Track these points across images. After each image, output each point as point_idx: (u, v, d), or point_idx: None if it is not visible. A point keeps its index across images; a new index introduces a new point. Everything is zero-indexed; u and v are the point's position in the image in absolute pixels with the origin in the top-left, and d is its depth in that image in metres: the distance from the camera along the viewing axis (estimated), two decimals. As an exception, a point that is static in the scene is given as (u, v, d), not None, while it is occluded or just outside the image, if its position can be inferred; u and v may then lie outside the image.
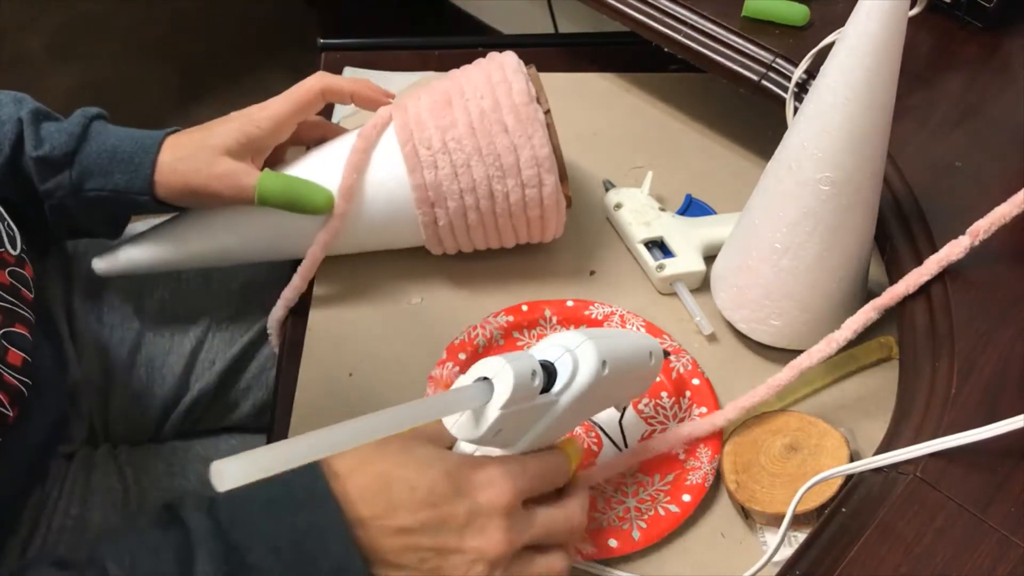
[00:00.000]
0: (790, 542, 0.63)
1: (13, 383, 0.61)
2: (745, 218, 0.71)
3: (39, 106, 0.71)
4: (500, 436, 0.52)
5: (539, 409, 0.54)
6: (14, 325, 0.63)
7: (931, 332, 0.62)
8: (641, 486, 0.67)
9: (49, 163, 0.69)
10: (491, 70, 0.72)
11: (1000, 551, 0.51)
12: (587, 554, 0.62)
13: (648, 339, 0.63)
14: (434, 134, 0.70)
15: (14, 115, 0.70)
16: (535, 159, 0.70)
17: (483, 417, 0.51)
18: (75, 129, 0.69)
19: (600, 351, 0.55)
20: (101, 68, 1.94)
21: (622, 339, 0.61)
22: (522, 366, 0.51)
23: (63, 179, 0.69)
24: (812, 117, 0.62)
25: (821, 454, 0.64)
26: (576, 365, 0.55)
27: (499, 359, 0.51)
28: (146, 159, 0.69)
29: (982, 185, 0.67)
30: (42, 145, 0.69)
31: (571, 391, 0.54)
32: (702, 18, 0.80)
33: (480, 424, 0.51)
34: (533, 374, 0.52)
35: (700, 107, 0.92)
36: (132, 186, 0.69)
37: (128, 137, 0.70)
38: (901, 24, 0.57)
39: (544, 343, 0.57)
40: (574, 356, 0.55)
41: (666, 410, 0.71)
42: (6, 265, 0.64)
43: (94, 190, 0.70)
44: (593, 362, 0.55)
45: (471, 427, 0.51)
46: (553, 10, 1.44)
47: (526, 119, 0.70)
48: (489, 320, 0.74)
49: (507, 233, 0.75)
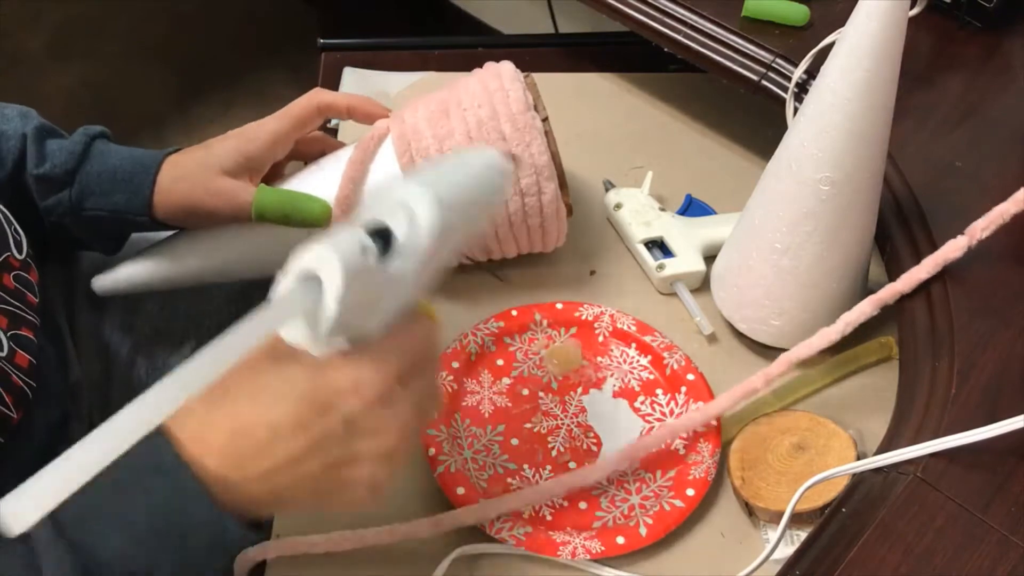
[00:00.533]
0: (792, 540, 0.63)
1: (19, 385, 0.62)
2: (745, 218, 0.71)
3: (44, 123, 0.72)
4: (348, 330, 0.45)
5: (382, 284, 0.46)
6: (20, 328, 0.64)
7: (931, 332, 0.62)
8: (644, 483, 0.67)
9: (50, 181, 0.69)
10: (488, 79, 0.72)
11: (1000, 551, 0.51)
12: (596, 553, 0.62)
13: (489, 156, 0.55)
14: (431, 144, 0.70)
15: (19, 130, 0.70)
16: (534, 167, 0.70)
17: (321, 318, 0.43)
18: (76, 148, 0.70)
19: (437, 194, 0.47)
20: (101, 68, 1.94)
21: (458, 168, 0.53)
22: (347, 246, 0.43)
23: (63, 197, 0.70)
24: (812, 117, 0.62)
25: (828, 454, 0.64)
26: (413, 219, 0.47)
27: (317, 246, 0.43)
28: (146, 180, 0.69)
29: (982, 185, 0.67)
30: (43, 163, 0.69)
31: (414, 251, 0.47)
32: (702, 18, 0.80)
33: (320, 326, 0.44)
34: (364, 250, 0.44)
35: (700, 107, 0.93)
36: (131, 207, 0.70)
37: (129, 157, 0.70)
38: (901, 24, 0.57)
39: (372, 202, 0.49)
40: (408, 210, 0.47)
41: (662, 407, 0.71)
42: (11, 269, 0.65)
43: (93, 210, 0.70)
44: (431, 210, 0.46)
45: (310, 333, 0.44)
46: (553, 10, 1.44)
47: (524, 127, 0.70)
48: (480, 327, 0.74)
49: (508, 243, 0.75)
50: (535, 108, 0.71)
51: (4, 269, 0.64)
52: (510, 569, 0.63)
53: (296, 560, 0.64)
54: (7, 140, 0.70)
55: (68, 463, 0.35)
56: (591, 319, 0.75)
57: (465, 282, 0.79)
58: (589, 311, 0.76)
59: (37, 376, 0.64)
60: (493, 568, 0.64)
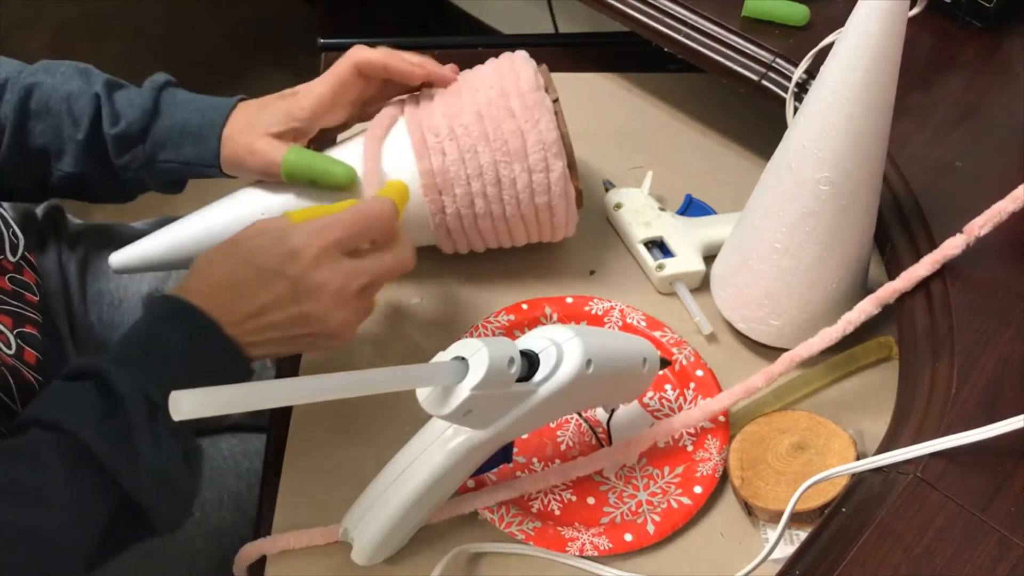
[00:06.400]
0: (792, 540, 0.63)
1: (29, 380, 0.63)
2: (745, 218, 0.71)
3: (109, 77, 0.73)
4: (470, 417, 0.52)
5: (514, 397, 0.54)
6: (25, 326, 0.64)
7: (931, 332, 0.62)
8: (651, 479, 0.67)
9: (126, 139, 0.71)
10: (500, 63, 0.74)
11: (1000, 551, 0.51)
12: (604, 549, 0.62)
13: (644, 345, 0.63)
14: (442, 121, 0.71)
15: (87, 90, 0.72)
16: (542, 143, 0.70)
17: (453, 395, 0.50)
18: (147, 104, 0.71)
19: (587, 349, 0.55)
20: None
21: (614, 340, 0.61)
22: (500, 351, 0.51)
23: (138, 152, 0.72)
24: (812, 117, 0.62)
25: (828, 454, 0.64)
26: (560, 359, 0.55)
27: (479, 341, 0.51)
28: (212, 133, 0.71)
29: (982, 185, 0.67)
30: (118, 122, 0.71)
31: (550, 384, 0.54)
32: (702, 18, 0.80)
33: (450, 402, 0.50)
34: (511, 361, 0.51)
35: (700, 107, 0.92)
36: (201, 159, 0.72)
37: (197, 110, 0.72)
38: (901, 24, 0.57)
39: (534, 333, 0.57)
40: (560, 350, 0.55)
41: (671, 402, 0.71)
42: (5, 272, 0.65)
43: (166, 161, 0.72)
44: (577, 358, 0.55)
45: (441, 403, 0.51)
46: (553, 10, 1.44)
47: (533, 104, 0.70)
48: (490, 320, 0.75)
49: (516, 226, 0.75)
50: (546, 90, 0.72)
51: None
52: (508, 568, 0.64)
53: (295, 555, 0.64)
54: (76, 100, 0.71)
55: (232, 391, 0.43)
56: (601, 313, 0.75)
57: (470, 276, 0.79)
58: (599, 305, 0.76)
59: (44, 372, 0.64)
60: (492, 565, 0.64)
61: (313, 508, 0.66)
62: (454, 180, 0.71)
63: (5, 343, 0.62)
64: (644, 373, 0.62)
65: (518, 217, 0.74)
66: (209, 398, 0.41)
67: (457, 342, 0.52)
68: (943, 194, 0.67)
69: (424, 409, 0.52)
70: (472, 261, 0.79)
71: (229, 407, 0.42)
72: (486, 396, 0.51)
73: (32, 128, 0.71)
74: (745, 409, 0.69)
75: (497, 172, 0.71)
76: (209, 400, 0.41)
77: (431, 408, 0.52)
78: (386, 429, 0.69)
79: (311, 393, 0.46)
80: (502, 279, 0.79)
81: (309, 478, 0.68)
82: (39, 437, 0.54)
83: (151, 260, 0.75)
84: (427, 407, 0.52)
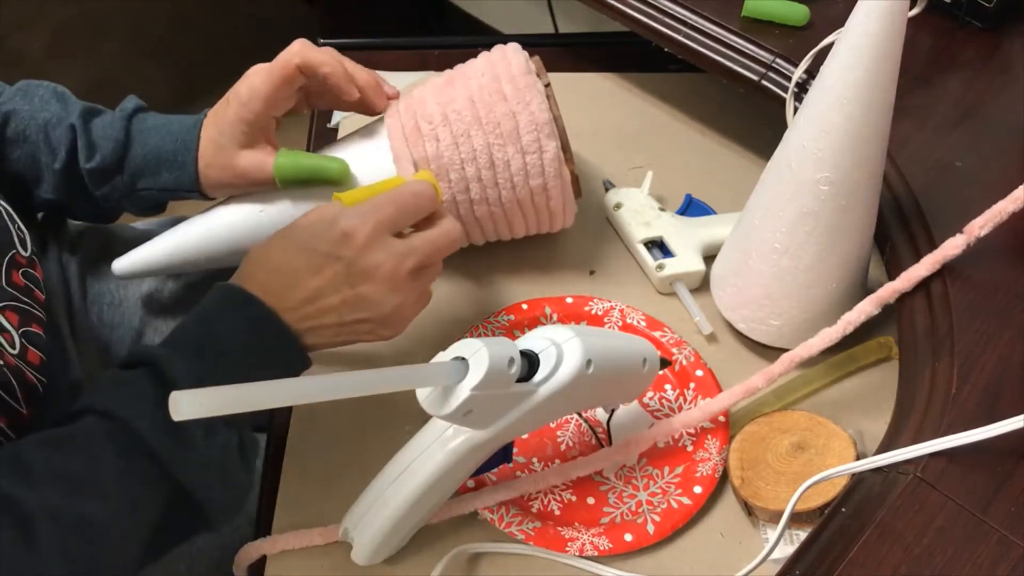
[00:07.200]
0: (792, 540, 0.63)
1: (32, 381, 0.62)
2: (745, 218, 0.71)
3: (84, 105, 0.73)
4: (470, 417, 0.52)
5: (514, 397, 0.54)
6: (31, 325, 0.64)
7: (931, 332, 0.62)
8: (651, 479, 0.67)
9: (103, 172, 0.72)
10: (491, 53, 0.74)
11: (1000, 551, 0.51)
12: (604, 549, 0.62)
13: (645, 345, 0.63)
14: (435, 109, 0.71)
15: (63, 118, 0.72)
16: (534, 124, 0.70)
17: (453, 395, 0.51)
18: (119, 135, 0.72)
19: (587, 349, 0.55)
20: (101, 68, 1.94)
21: (614, 340, 0.61)
22: (500, 352, 0.51)
23: (116, 183, 0.73)
24: (812, 117, 0.62)
25: (828, 454, 0.64)
26: (560, 359, 0.55)
27: (479, 341, 0.51)
28: (188, 158, 0.71)
29: (982, 185, 0.67)
30: (93, 156, 0.72)
31: (550, 384, 0.55)
32: (702, 18, 0.80)
33: (450, 402, 0.51)
34: (511, 361, 0.52)
35: (700, 107, 0.92)
36: (181, 184, 0.73)
37: (168, 133, 0.72)
38: (901, 24, 0.57)
39: (534, 333, 0.57)
40: (559, 350, 0.55)
41: (671, 402, 0.71)
42: (19, 267, 0.65)
43: (146, 189, 0.73)
44: (577, 358, 0.55)
45: (441, 403, 0.51)
46: (553, 10, 1.45)
47: (524, 87, 0.71)
48: (490, 320, 0.75)
49: (514, 213, 0.74)
50: (538, 76, 0.72)
51: (12, 266, 0.65)
52: (508, 568, 0.64)
53: (295, 555, 0.64)
54: (53, 128, 0.72)
55: (233, 391, 0.42)
56: (601, 313, 0.75)
57: (470, 276, 0.79)
58: (599, 305, 0.76)
59: (47, 372, 0.64)
60: (492, 565, 0.64)
61: (313, 508, 0.66)
62: (448, 166, 0.71)
63: (9, 342, 0.61)
64: (644, 373, 0.62)
65: (514, 202, 0.73)
66: (209, 398, 0.41)
67: (457, 342, 0.52)
68: (943, 194, 0.67)
69: (424, 409, 0.52)
70: (472, 261, 0.79)
71: (229, 407, 0.42)
72: (486, 396, 0.51)
73: (9, 155, 0.72)
74: (745, 409, 0.70)
75: (491, 155, 0.71)
76: (209, 400, 0.41)
77: (431, 408, 0.52)
78: (386, 429, 0.69)
79: (311, 393, 0.46)
80: (502, 279, 0.79)
81: (309, 478, 0.68)
82: (93, 425, 0.54)
83: (154, 265, 0.76)
84: (427, 407, 0.52)
